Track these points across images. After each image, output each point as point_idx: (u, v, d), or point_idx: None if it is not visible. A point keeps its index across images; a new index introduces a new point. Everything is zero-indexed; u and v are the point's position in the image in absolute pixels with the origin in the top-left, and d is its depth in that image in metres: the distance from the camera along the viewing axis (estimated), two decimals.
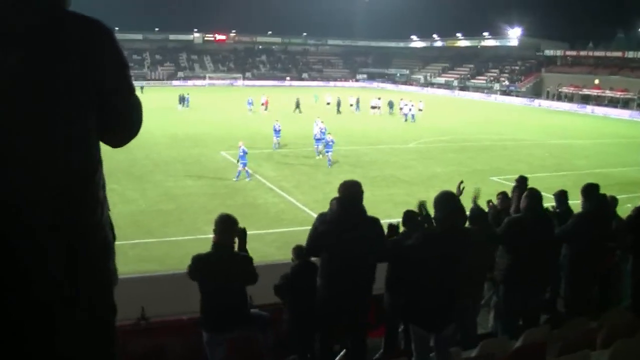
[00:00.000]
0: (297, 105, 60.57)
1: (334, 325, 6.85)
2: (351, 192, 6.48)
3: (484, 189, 10.11)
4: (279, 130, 36.51)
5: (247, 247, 6.89)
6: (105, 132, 2.37)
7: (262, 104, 59.95)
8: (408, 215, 7.90)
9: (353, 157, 34.74)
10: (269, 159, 33.07)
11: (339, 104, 62.67)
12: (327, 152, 32.56)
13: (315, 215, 6.96)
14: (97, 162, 2.35)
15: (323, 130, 34.74)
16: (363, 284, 6.66)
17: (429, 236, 6.34)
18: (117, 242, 2.52)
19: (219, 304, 6.59)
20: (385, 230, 7.17)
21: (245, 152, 27.96)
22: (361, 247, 6.47)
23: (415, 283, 6.44)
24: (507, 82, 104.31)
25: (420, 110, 60.00)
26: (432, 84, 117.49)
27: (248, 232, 7.07)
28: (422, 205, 6.57)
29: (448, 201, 6.27)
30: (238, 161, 28.40)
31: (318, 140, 34.56)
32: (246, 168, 28.18)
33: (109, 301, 2.47)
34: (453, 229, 6.22)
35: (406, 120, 55.39)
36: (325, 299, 6.64)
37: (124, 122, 2.41)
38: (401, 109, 58.96)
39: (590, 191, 8.52)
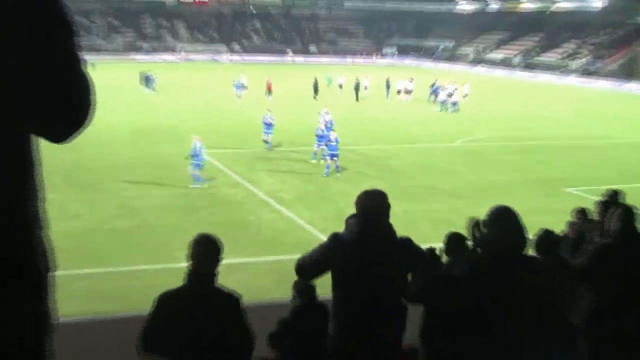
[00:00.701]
0: (316, 90, 61.13)
1: None
2: (374, 206, 6.44)
3: (557, 204, 10.03)
4: (271, 124, 36.32)
5: (233, 279, 6.85)
6: (41, 123, 2.25)
7: (267, 88, 60.37)
8: (453, 240, 7.82)
9: (378, 160, 34.83)
10: (263, 161, 33.14)
11: (357, 89, 62.65)
12: (331, 156, 31.75)
13: (324, 238, 6.88)
14: (25, 165, 2.28)
15: (329, 125, 34.87)
16: (390, 332, 6.62)
17: (481, 266, 6.27)
18: (56, 273, 2.47)
19: (194, 356, 6.47)
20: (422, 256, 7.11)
21: (199, 151, 28.37)
22: (388, 281, 6.44)
23: (461, 330, 6.38)
24: (587, 59, 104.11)
25: (464, 96, 60.59)
26: (484, 61, 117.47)
27: (235, 259, 7.05)
28: (475, 225, 6.50)
29: (505, 219, 6.20)
30: (187, 158, 28.83)
31: (321, 137, 33.91)
32: (197, 171, 28.52)
33: (42, 355, 2.40)
34: (512, 257, 6.16)
35: (442, 109, 55.74)
36: (339, 351, 6.60)
37: (66, 108, 2.24)
38: (435, 94, 59.69)
39: None
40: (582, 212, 10.24)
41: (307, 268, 6.64)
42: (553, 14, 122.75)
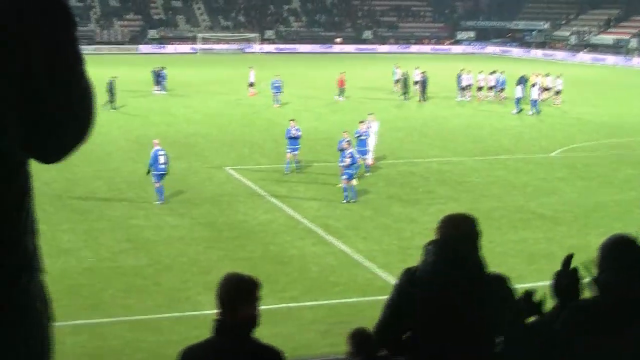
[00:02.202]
0: (406, 85, 61.56)
1: None
2: (460, 234, 6.41)
3: None
4: (297, 138, 34.81)
5: (270, 330, 6.85)
6: (34, 141, 2.22)
7: (339, 85, 60.85)
8: (563, 277, 7.67)
9: (452, 176, 34.73)
10: (307, 180, 33.10)
11: (423, 85, 62.02)
12: (347, 174, 30.70)
13: (388, 278, 6.89)
14: (22, 194, 2.28)
15: (365, 134, 34.50)
16: None
17: (588, 314, 6.22)
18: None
19: None
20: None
21: (158, 157, 28.88)
22: (479, 327, 6.44)
23: None
24: None
25: (554, 91, 60.97)
26: (589, 46, 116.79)
27: (274, 305, 7.06)
28: (568, 262, 6.40)
29: (624, 252, 6.13)
30: (149, 172, 29.36)
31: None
32: (160, 183, 28.93)
33: None
34: (632, 301, 6.11)
35: (520, 111, 55.44)
36: None
37: (64, 120, 2.23)
38: (479, 88, 60.36)
39: None
40: None
41: (385, 330, 6.54)
42: None
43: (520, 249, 23.85)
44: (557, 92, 59.73)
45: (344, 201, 29.89)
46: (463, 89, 62.75)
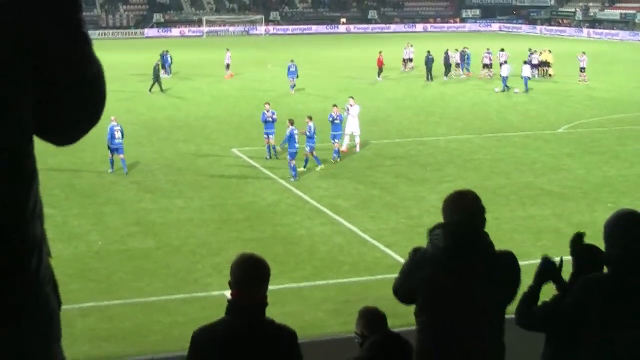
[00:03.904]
0: (430, 66, 61.39)
1: None
2: (466, 211, 6.39)
3: None
4: (273, 122, 33.74)
5: (280, 309, 6.83)
6: (45, 123, 2.22)
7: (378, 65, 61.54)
8: (582, 253, 7.58)
9: (460, 154, 34.72)
10: (314, 161, 33.05)
11: (429, 63, 61.53)
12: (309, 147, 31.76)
13: (396, 256, 6.89)
14: (29, 176, 2.24)
15: (339, 117, 33.95)
16: None
17: (599, 288, 6.20)
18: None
19: None
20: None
21: (114, 132, 29.73)
22: (484, 307, 6.43)
23: None
24: None
25: (544, 64, 62.08)
26: (596, 22, 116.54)
27: (283, 285, 7.06)
28: (577, 240, 6.37)
29: (629, 227, 6.11)
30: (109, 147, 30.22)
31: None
32: (118, 155, 30.01)
33: None
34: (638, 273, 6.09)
35: (506, 89, 55.13)
36: None
37: (75, 102, 2.22)
38: (485, 65, 60.68)
39: None
40: None
41: (398, 292, 6.62)
42: None
43: (528, 225, 23.84)
44: (582, 69, 59.38)
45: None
46: (482, 66, 62.63)
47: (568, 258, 6.26)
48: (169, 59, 62.05)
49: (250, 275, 6.19)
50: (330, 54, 76.34)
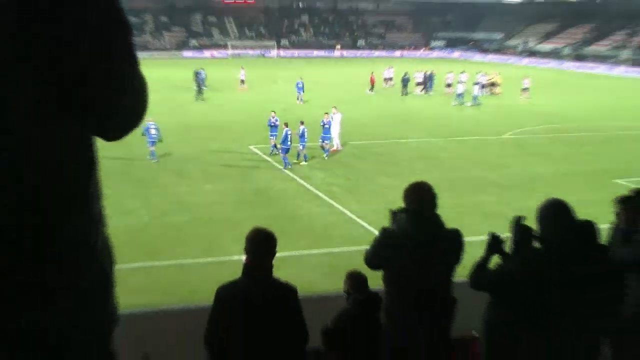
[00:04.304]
0: (405, 84, 61.61)
1: None
2: (423, 199, 6.46)
3: (607, 195, 10.04)
4: (276, 126, 33.82)
5: (284, 271, 6.85)
6: (99, 121, 2.23)
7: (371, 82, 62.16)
8: (518, 232, 7.69)
9: (427, 153, 34.72)
10: (314, 155, 33.10)
11: (404, 82, 61.76)
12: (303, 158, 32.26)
13: (376, 232, 6.93)
14: (90, 165, 2.29)
15: (328, 123, 34.13)
16: (441, 324, 6.67)
17: (533, 262, 6.25)
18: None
19: (253, 350, 6.41)
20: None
21: (150, 129, 29.73)
22: (438, 273, 6.49)
23: (519, 326, 6.36)
24: (639, 49, 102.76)
25: (490, 85, 62.05)
26: (534, 53, 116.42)
27: (287, 253, 7.08)
28: (518, 224, 6.44)
29: (558, 213, 6.18)
30: (143, 134, 30.46)
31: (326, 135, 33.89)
32: (150, 147, 30.34)
33: (107, 349, 2.46)
34: (565, 252, 6.13)
35: (461, 103, 54.86)
36: (394, 345, 6.64)
37: (124, 106, 2.24)
38: (448, 85, 60.10)
39: None
40: (622, 200, 10.01)
41: (370, 260, 6.71)
42: (604, 2, 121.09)
43: (478, 209, 23.89)
44: (525, 89, 59.60)
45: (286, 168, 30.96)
46: (445, 85, 62.70)
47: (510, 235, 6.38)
48: (204, 74, 61.58)
49: (261, 247, 6.35)
50: (328, 73, 76.17)
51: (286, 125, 31.45)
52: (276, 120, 33.06)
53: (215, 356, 6.53)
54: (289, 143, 31.14)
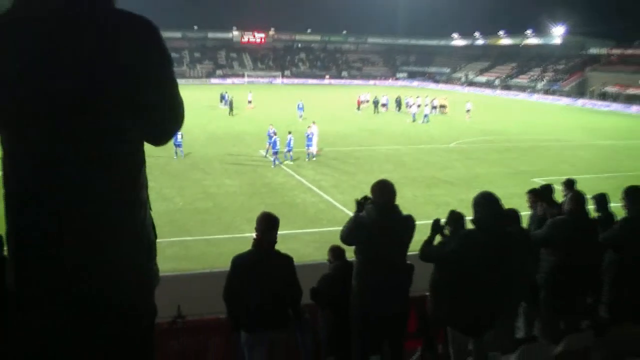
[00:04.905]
0: (376, 105, 61.65)
1: (370, 330, 6.75)
2: (386, 194, 6.47)
3: (525, 190, 10.03)
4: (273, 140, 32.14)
5: (285, 246, 6.82)
6: (149, 130, 2.36)
7: (358, 102, 62.42)
8: (453, 216, 7.78)
9: (394, 157, 34.61)
10: (298, 157, 33.05)
11: (376, 103, 61.98)
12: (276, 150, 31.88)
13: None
14: (141, 162, 2.38)
15: (311, 134, 33.44)
16: (399, 287, 6.63)
17: (470, 239, 6.26)
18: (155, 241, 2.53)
19: (260, 304, 6.50)
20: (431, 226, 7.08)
21: (177, 136, 29.62)
22: (396, 248, 6.47)
23: (456, 287, 6.37)
24: (550, 81, 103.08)
25: (437, 107, 61.83)
26: (473, 83, 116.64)
27: (287, 231, 7.07)
28: (453, 212, 6.56)
29: (488, 202, 6.21)
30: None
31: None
32: (179, 148, 30.64)
33: (150, 302, 2.50)
34: (494, 232, 6.13)
35: (414, 120, 54.18)
36: (361, 301, 6.61)
37: (168, 120, 2.38)
38: (409, 106, 59.39)
39: (636, 194, 8.33)
40: (533, 192, 10.07)
41: (345, 239, 6.65)
42: (524, 47, 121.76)
43: (431, 200, 23.81)
44: (468, 110, 59.09)
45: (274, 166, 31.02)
46: (383, 105, 62.52)
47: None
48: (227, 96, 61.31)
49: (267, 225, 6.41)
50: (320, 96, 76.00)
51: (274, 133, 31.79)
52: (274, 132, 32.52)
53: (232, 308, 6.62)
54: (277, 147, 31.20)
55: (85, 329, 2.27)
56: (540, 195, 9.92)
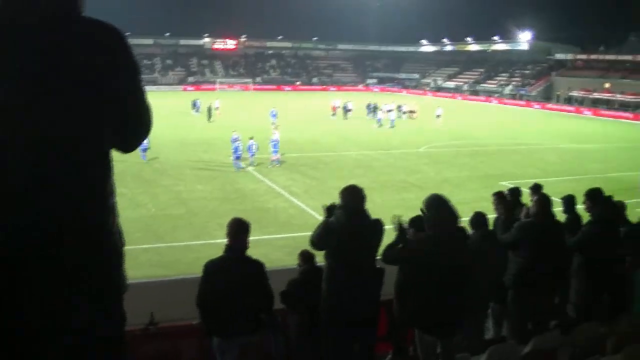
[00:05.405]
0: (346, 111, 61.50)
1: (341, 333, 6.76)
2: (356, 199, 6.51)
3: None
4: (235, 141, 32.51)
5: (257, 251, 6.86)
6: (116, 137, 2.35)
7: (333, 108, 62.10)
8: (415, 221, 7.85)
9: (364, 162, 34.74)
10: (278, 165, 33.01)
11: (346, 109, 61.70)
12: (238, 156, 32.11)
13: None
14: (109, 169, 2.34)
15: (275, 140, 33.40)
16: (369, 290, 6.66)
17: (426, 240, 6.37)
18: (127, 247, 2.49)
19: (232, 309, 6.52)
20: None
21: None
22: (366, 251, 6.52)
23: (418, 288, 6.43)
24: (517, 86, 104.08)
25: (410, 112, 62.34)
26: (442, 89, 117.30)
27: (258, 237, 7.10)
28: (400, 223, 6.63)
29: (437, 204, 6.35)
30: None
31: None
32: (144, 153, 30.53)
33: (119, 309, 2.45)
34: (446, 233, 6.25)
35: (380, 125, 54.08)
36: (331, 305, 6.63)
37: (135, 127, 2.38)
38: (371, 111, 59.80)
39: (597, 196, 8.52)
40: (498, 195, 10.15)
41: (316, 244, 6.70)
42: (492, 52, 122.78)
43: (401, 204, 23.83)
44: (438, 116, 59.40)
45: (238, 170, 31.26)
46: (348, 111, 61.79)
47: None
48: (200, 103, 60.97)
49: (238, 230, 6.45)
50: (291, 104, 75.90)
51: (235, 140, 31.84)
52: (237, 137, 32.24)
53: (204, 314, 6.62)
54: (239, 153, 31.49)
55: (49, 336, 2.23)
56: (505, 199, 10.04)
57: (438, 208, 6.29)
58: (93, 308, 2.29)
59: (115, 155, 2.43)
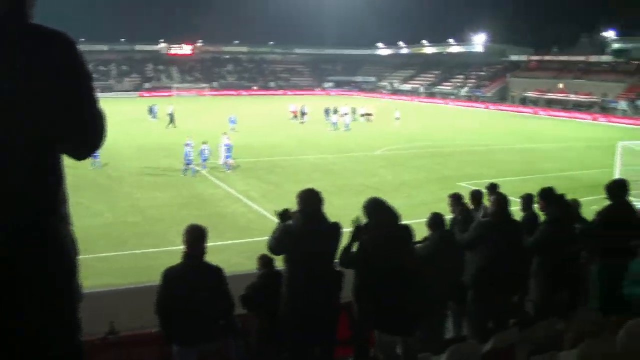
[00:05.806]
0: (302, 114, 61.64)
1: (301, 337, 6.78)
2: (313, 202, 6.53)
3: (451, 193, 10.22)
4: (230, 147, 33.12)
5: (216, 257, 6.84)
6: (68, 145, 2.31)
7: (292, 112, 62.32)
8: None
9: (322, 166, 34.82)
10: (236, 170, 32.92)
11: (302, 113, 61.94)
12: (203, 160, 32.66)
13: None
14: (61, 176, 2.31)
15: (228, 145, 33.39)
16: (329, 293, 6.69)
17: (373, 242, 6.45)
18: (84, 256, 2.47)
19: (191, 316, 6.48)
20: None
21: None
22: (324, 255, 6.54)
23: (374, 290, 6.50)
24: (473, 88, 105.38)
25: (367, 114, 62.66)
26: (398, 91, 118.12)
27: (217, 243, 7.08)
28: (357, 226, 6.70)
29: (375, 207, 6.46)
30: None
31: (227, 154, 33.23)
32: (95, 160, 30.65)
33: (74, 319, 2.41)
34: (384, 234, 6.34)
35: (336, 129, 54.11)
36: (291, 309, 6.64)
37: (88, 134, 2.32)
38: (328, 114, 59.76)
39: (550, 195, 8.67)
40: (455, 197, 10.30)
41: (274, 249, 6.72)
42: (447, 55, 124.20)
43: (359, 207, 23.94)
44: (397, 118, 60.07)
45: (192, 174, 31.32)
46: (303, 115, 61.82)
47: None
48: (157, 109, 60.57)
49: (195, 237, 6.43)
50: (248, 109, 75.67)
51: (187, 145, 31.58)
52: (190, 143, 31.99)
53: (164, 321, 6.57)
54: (190, 158, 31.30)
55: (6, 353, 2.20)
56: (461, 201, 10.18)
57: (376, 211, 6.41)
58: (45, 316, 2.25)
59: (70, 162, 2.41)
